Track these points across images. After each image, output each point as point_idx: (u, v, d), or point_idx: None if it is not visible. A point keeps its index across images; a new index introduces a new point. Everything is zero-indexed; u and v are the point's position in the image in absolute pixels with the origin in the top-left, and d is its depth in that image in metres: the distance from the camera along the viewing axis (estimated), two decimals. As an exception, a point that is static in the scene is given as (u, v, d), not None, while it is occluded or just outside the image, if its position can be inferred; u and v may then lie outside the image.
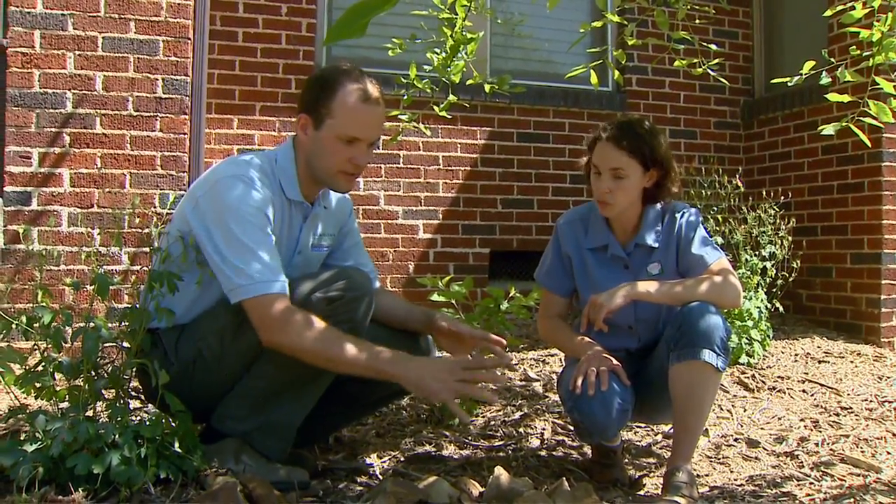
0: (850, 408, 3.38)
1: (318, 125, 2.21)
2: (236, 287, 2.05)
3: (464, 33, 2.96)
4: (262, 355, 2.13)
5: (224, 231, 2.08)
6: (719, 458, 2.82)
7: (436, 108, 3.22)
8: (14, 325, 2.08)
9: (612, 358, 2.36)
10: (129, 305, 2.21)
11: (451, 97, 3.18)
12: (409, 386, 2.01)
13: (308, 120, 2.23)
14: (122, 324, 2.16)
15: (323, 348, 2.02)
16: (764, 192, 4.83)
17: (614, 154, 2.41)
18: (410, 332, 2.43)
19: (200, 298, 2.20)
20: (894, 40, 2.44)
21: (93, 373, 2.08)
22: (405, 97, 3.16)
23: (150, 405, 2.46)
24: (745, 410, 3.32)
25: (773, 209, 4.47)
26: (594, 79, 3.00)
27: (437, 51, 3.04)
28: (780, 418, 3.24)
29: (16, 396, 2.17)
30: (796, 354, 4.15)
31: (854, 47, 2.51)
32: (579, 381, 2.28)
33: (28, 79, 3.49)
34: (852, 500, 2.33)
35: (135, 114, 3.61)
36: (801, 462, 2.76)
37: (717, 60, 2.95)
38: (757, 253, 4.29)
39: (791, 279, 4.42)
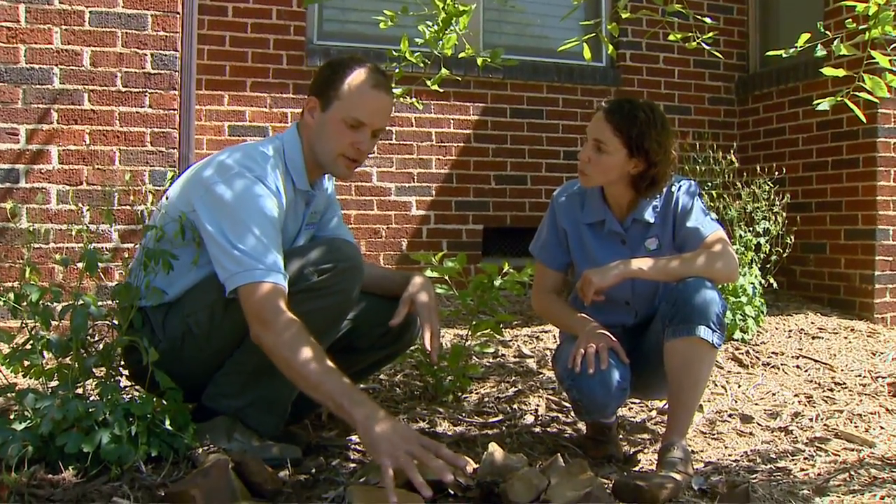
0: (844, 383, 3.38)
1: (326, 107, 2.21)
2: (234, 273, 1.99)
3: (456, 5, 2.92)
4: None
5: (233, 221, 2.02)
6: (714, 434, 2.81)
7: (428, 82, 3.18)
8: (2, 303, 2.06)
9: (610, 335, 2.34)
10: (120, 282, 2.18)
11: (444, 71, 3.14)
12: (361, 433, 1.87)
13: (316, 102, 2.23)
14: (113, 301, 2.14)
15: (296, 362, 1.92)
16: (758, 168, 4.80)
17: (600, 126, 2.39)
18: (396, 299, 2.38)
19: (194, 279, 2.16)
20: (891, 13, 2.41)
21: (82, 350, 2.06)
22: (397, 70, 3.12)
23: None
24: (739, 386, 3.32)
25: (768, 185, 4.46)
26: (587, 52, 2.96)
27: (429, 23, 3.00)
28: (774, 394, 3.24)
29: (4, 375, 2.15)
30: (790, 330, 4.15)
31: (850, 21, 2.48)
32: (578, 360, 2.27)
33: (14, 54, 3.44)
34: (846, 474, 2.33)
35: (123, 90, 3.55)
36: (796, 437, 2.76)
37: (711, 34, 2.92)
38: (751, 229, 4.28)
39: (785, 255, 4.42)
